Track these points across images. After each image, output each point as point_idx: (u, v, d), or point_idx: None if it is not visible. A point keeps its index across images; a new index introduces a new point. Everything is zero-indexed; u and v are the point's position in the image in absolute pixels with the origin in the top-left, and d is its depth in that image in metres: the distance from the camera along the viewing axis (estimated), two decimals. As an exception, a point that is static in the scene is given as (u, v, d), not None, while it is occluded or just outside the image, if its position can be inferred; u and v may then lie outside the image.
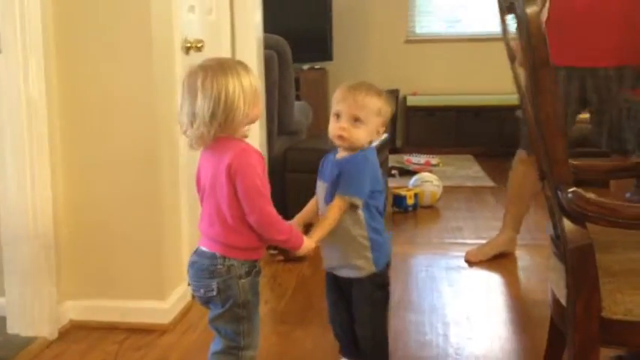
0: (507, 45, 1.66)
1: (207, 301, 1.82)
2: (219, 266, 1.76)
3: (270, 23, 3.82)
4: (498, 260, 3.32)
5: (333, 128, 1.93)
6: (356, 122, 1.90)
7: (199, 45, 2.85)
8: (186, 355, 2.38)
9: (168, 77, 2.63)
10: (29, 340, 2.41)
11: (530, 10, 1.35)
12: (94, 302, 2.60)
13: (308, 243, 1.83)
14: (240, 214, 1.73)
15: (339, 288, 2.05)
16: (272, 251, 3.15)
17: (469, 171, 5.62)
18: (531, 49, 1.36)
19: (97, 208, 2.56)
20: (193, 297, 2.80)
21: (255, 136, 3.48)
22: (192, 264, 1.82)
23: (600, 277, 1.47)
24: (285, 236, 1.78)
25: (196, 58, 2.87)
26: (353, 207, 1.90)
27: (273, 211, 1.75)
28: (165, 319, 2.57)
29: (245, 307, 1.79)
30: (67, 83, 2.50)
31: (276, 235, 1.77)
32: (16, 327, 2.46)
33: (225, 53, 3.36)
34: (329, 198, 1.92)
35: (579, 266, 1.47)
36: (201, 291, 1.80)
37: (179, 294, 2.70)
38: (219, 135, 1.71)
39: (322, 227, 1.88)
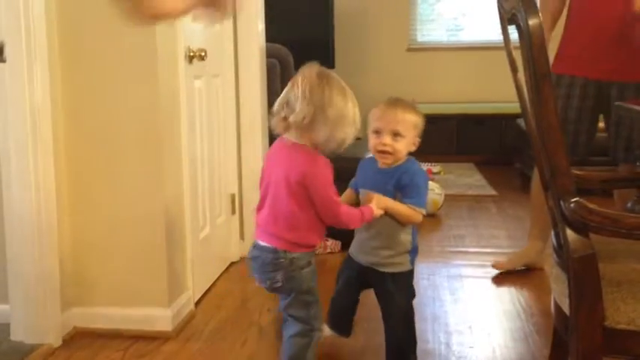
0: (510, 55, 1.67)
1: (273, 291, 2.01)
2: (281, 259, 1.92)
3: (273, 32, 3.83)
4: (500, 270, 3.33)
5: (375, 144, 2.13)
6: (396, 137, 2.11)
7: (202, 54, 2.87)
8: (190, 363, 2.39)
9: (172, 86, 2.65)
10: (33, 347, 2.42)
11: (533, 22, 1.36)
12: (98, 309, 2.61)
13: (376, 212, 2.05)
14: (308, 217, 1.91)
15: (364, 280, 2.25)
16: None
17: (471, 179, 5.63)
18: (533, 60, 1.37)
19: (102, 214, 2.57)
20: (197, 305, 2.83)
21: (258, 145, 3.50)
22: (255, 258, 1.99)
23: (603, 287, 1.48)
24: (359, 224, 2.03)
25: (199, 68, 2.90)
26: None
27: (344, 211, 1.96)
28: (169, 327, 2.58)
29: (310, 292, 1.98)
30: (72, 92, 2.51)
31: (353, 225, 2.02)
32: (20, 334, 2.47)
33: (228, 63, 3.38)
34: None
35: (582, 276, 1.47)
36: (267, 283, 1.97)
37: (183, 301, 2.71)
38: (297, 141, 1.89)
39: (394, 206, 2.09)
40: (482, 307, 2.90)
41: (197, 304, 2.88)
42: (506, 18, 1.54)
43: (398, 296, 2.19)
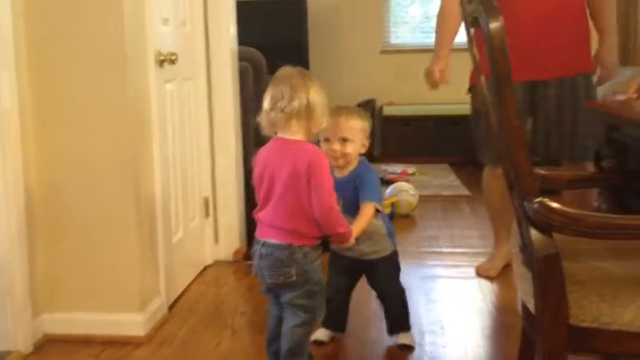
0: (474, 57, 1.69)
1: (282, 287, 2.06)
2: (297, 254, 2.02)
3: (246, 35, 3.84)
4: (473, 269, 3.36)
5: (326, 150, 2.28)
6: (344, 142, 2.29)
7: (173, 57, 2.86)
8: (162, 368, 2.38)
9: (142, 89, 2.64)
10: (4, 354, 2.40)
11: (493, 25, 1.38)
12: (69, 315, 2.59)
13: (352, 241, 2.16)
14: (311, 209, 2.00)
15: (354, 272, 2.49)
16: (249, 262, 3.15)
17: (445, 180, 5.66)
18: (494, 62, 1.39)
19: (73, 220, 2.55)
20: (170, 309, 2.82)
21: (232, 148, 3.50)
22: (266, 256, 2.05)
23: (567, 286, 1.50)
24: (344, 229, 2.08)
25: (170, 71, 2.89)
26: (376, 211, 2.31)
27: (338, 208, 2.03)
28: (142, 332, 2.57)
29: (318, 284, 2.09)
30: (40, 96, 2.50)
31: (339, 228, 2.06)
32: (-10, 341, 2.45)
33: (200, 66, 3.38)
34: (348, 210, 2.23)
35: (546, 275, 1.49)
36: (281, 279, 2.04)
37: (156, 306, 2.70)
38: (293, 137, 2.01)
39: (360, 227, 2.22)
40: (454, 307, 2.92)
41: (170, 308, 2.87)
42: (469, 20, 1.55)
43: (390, 276, 2.47)
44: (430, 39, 6.87)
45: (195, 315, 2.84)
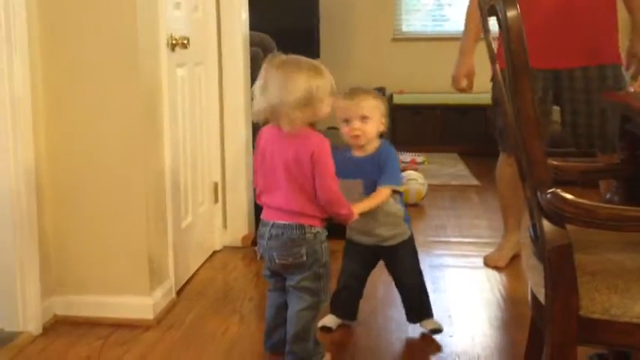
0: (489, 46, 1.68)
1: (291, 267, 2.11)
2: (308, 234, 2.07)
3: (257, 20, 3.82)
4: (481, 259, 3.35)
5: (347, 131, 2.36)
6: (364, 120, 2.33)
7: (185, 42, 2.85)
8: (170, 352, 2.39)
9: (154, 73, 2.64)
10: (13, 335, 2.41)
11: (511, 13, 1.37)
12: (78, 297, 2.60)
13: (356, 216, 2.19)
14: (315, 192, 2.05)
15: (372, 259, 2.51)
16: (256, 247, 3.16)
17: (454, 169, 5.65)
18: (511, 52, 1.38)
19: (83, 203, 2.56)
20: (178, 293, 2.83)
21: (241, 133, 3.50)
22: (276, 237, 2.09)
23: (578, 277, 1.49)
24: (346, 210, 2.13)
25: (182, 55, 2.89)
26: (395, 192, 2.37)
27: (339, 190, 2.09)
28: (150, 315, 2.58)
29: (325, 266, 2.14)
30: (52, 81, 2.50)
31: (341, 209, 2.12)
32: (0, 322, 2.46)
33: (212, 51, 3.37)
34: (370, 192, 2.32)
35: (558, 266, 1.49)
36: (290, 259, 2.09)
37: (164, 290, 2.71)
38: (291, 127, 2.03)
39: (367, 205, 2.28)
40: (462, 296, 2.92)
41: (179, 292, 2.88)
42: (486, 9, 1.54)
43: (409, 260, 2.49)
44: (441, 27, 6.92)
45: (204, 300, 2.85)
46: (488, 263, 3.27)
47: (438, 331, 2.49)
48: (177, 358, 2.36)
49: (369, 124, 2.35)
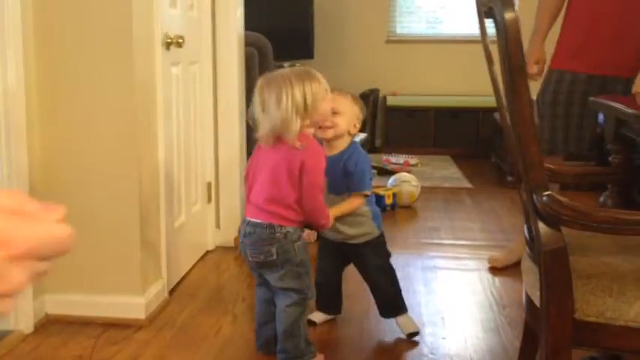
0: (486, 48, 1.67)
1: (264, 266, 2.14)
2: (277, 234, 2.09)
3: (252, 20, 3.82)
4: (473, 261, 3.36)
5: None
6: (334, 114, 2.30)
7: (180, 40, 2.84)
8: (162, 351, 2.38)
9: (148, 72, 2.63)
10: (4, 334, 2.40)
11: (509, 15, 1.37)
12: (70, 296, 2.59)
13: (332, 222, 2.23)
14: (298, 199, 2.08)
15: (342, 255, 2.50)
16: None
17: (447, 172, 5.66)
18: (508, 53, 1.38)
19: (76, 201, 2.54)
20: (171, 293, 2.82)
21: (236, 133, 3.49)
22: (249, 234, 2.13)
23: (573, 280, 1.49)
24: (326, 220, 2.17)
25: (176, 54, 2.88)
26: (366, 196, 2.39)
27: (323, 200, 2.14)
28: (142, 315, 2.57)
29: (302, 265, 2.15)
30: (46, 78, 2.49)
31: (321, 219, 2.16)
32: (-9, 320, 2.45)
33: (206, 50, 3.37)
34: (333, 189, 2.33)
35: (553, 269, 1.49)
36: (261, 257, 2.12)
37: (157, 289, 2.70)
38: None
39: (340, 210, 2.32)
40: (455, 299, 2.92)
41: (171, 292, 2.87)
42: (483, 11, 1.54)
43: (375, 260, 2.46)
44: (435, 30, 6.92)
45: (196, 300, 2.84)
46: (489, 261, 3.28)
47: (415, 334, 2.47)
48: (169, 358, 2.34)
49: (340, 117, 2.33)
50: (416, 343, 2.45)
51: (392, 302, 2.50)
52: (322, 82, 2.10)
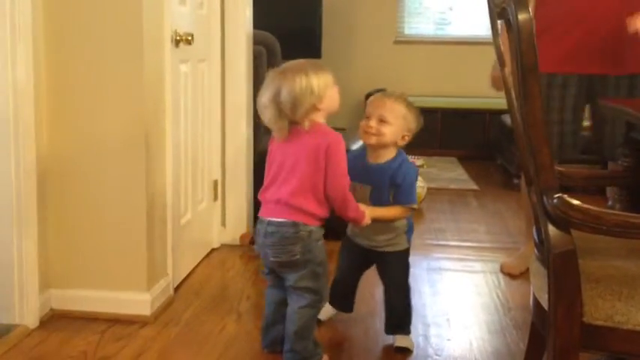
0: (498, 49, 1.67)
1: (286, 266, 2.10)
2: (302, 232, 2.06)
3: (260, 19, 3.81)
4: (479, 263, 3.35)
5: (362, 126, 2.31)
6: (382, 123, 2.27)
7: (189, 38, 2.84)
8: (167, 348, 2.38)
9: (158, 69, 2.63)
10: (10, 328, 2.40)
11: (522, 16, 1.36)
12: (76, 292, 2.59)
13: (367, 219, 2.20)
14: (322, 190, 2.06)
15: (366, 259, 2.46)
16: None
17: (453, 173, 5.64)
18: (521, 54, 1.37)
19: (84, 198, 2.55)
20: (176, 290, 2.82)
21: (243, 132, 3.49)
22: (270, 234, 2.09)
23: (582, 283, 1.49)
24: (355, 214, 2.16)
25: (186, 51, 2.88)
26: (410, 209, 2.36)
27: (348, 190, 2.10)
28: (147, 311, 2.57)
29: (322, 265, 2.13)
30: (56, 73, 2.49)
31: (349, 211, 2.14)
32: (-4, 314, 2.45)
33: (215, 48, 3.37)
34: (378, 200, 2.29)
35: (562, 271, 1.48)
36: (283, 257, 2.09)
37: (162, 286, 2.70)
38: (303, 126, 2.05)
39: (381, 214, 2.28)
40: (460, 300, 2.91)
41: (176, 289, 2.87)
42: (496, 12, 1.54)
43: (397, 273, 2.42)
44: (444, 31, 6.91)
45: (201, 297, 2.83)
46: (503, 269, 3.23)
47: (408, 350, 2.39)
48: (174, 355, 2.34)
49: (387, 127, 2.28)
50: (421, 345, 2.45)
51: (399, 321, 2.44)
52: (329, 75, 2.10)
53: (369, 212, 2.22)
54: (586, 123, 3.13)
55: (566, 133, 2.99)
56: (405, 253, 2.43)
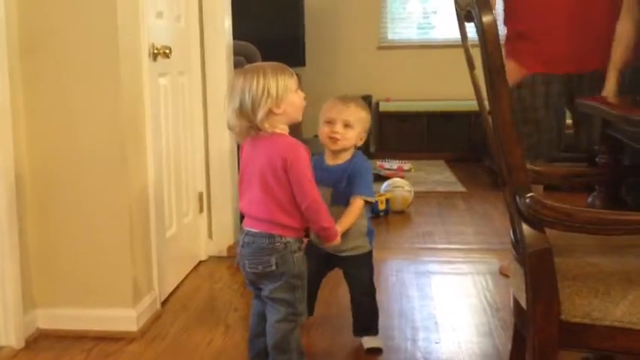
0: (467, 52, 1.68)
1: (262, 277, 2.08)
2: (277, 244, 2.04)
3: (242, 29, 3.82)
4: (467, 265, 3.35)
5: (327, 132, 2.33)
6: (347, 127, 2.31)
7: (167, 51, 2.84)
8: (154, 363, 2.37)
9: (135, 83, 2.63)
10: (-5, 350, 2.39)
11: (486, 18, 1.37)
12: (61, 310, 2.58)
13: (338, 238, 2.18)
14: (293, 199, 2.02)
15: (327, 263, 2.44)
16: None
17: (441, 176, 5.66)
18: (487, 55, 1.38)
19: (65, 214, 2.54)
20: (163, 305, 2.81)
21: (226, 143, 3.48)
22: (247, 244, 2.07)
23: (559, 281, 1.49)
24: (328, 224, 2.11)
25: (165, 65, 2.88)
26: (367, 203, 2.36)
27: (320, 199, 2.05)
28: (134, 327, 2.56)
29: (299, 277, 2.09)
30: (33, 90, 2.48)
31: (323, 221, 2.09)
32: (-19, 336, 2.44)
33: (195, 60, 3.37)
34: (338, 200, 2.31)
35: (538, 270, 1.48)
36: (259, 267, 2.06)
37: (148, 301, 2.69)
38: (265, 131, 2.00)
39: (346, 222, 2.28)
40: (448, 303, 2.91)
41: (163, 303, 2.86)
42: (462, 15, 1.55)
43: (361, 275, 2.43)
44: (427, 35, 6.93)
45: (189, 311, 2.83)
46: (502, 271, 3.22)
47: (377, 350, 2.41)
48: (162, 370, 2.34)
49: (351, 132, 2.32)
50: (409, 348, 2.45)
51: (367, 323, 2.45)
52: (294, 77, 2.06)
53: (340, 229, 2.20)
54: (569, 121, 3.15)
55: (552, 131, 3.00)
56: (368, 255, 2.44)
